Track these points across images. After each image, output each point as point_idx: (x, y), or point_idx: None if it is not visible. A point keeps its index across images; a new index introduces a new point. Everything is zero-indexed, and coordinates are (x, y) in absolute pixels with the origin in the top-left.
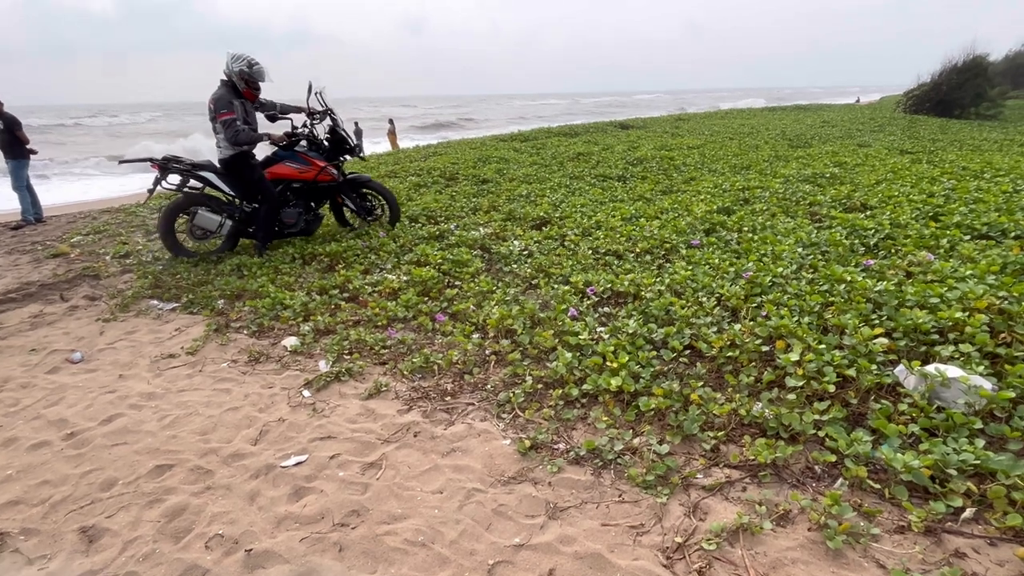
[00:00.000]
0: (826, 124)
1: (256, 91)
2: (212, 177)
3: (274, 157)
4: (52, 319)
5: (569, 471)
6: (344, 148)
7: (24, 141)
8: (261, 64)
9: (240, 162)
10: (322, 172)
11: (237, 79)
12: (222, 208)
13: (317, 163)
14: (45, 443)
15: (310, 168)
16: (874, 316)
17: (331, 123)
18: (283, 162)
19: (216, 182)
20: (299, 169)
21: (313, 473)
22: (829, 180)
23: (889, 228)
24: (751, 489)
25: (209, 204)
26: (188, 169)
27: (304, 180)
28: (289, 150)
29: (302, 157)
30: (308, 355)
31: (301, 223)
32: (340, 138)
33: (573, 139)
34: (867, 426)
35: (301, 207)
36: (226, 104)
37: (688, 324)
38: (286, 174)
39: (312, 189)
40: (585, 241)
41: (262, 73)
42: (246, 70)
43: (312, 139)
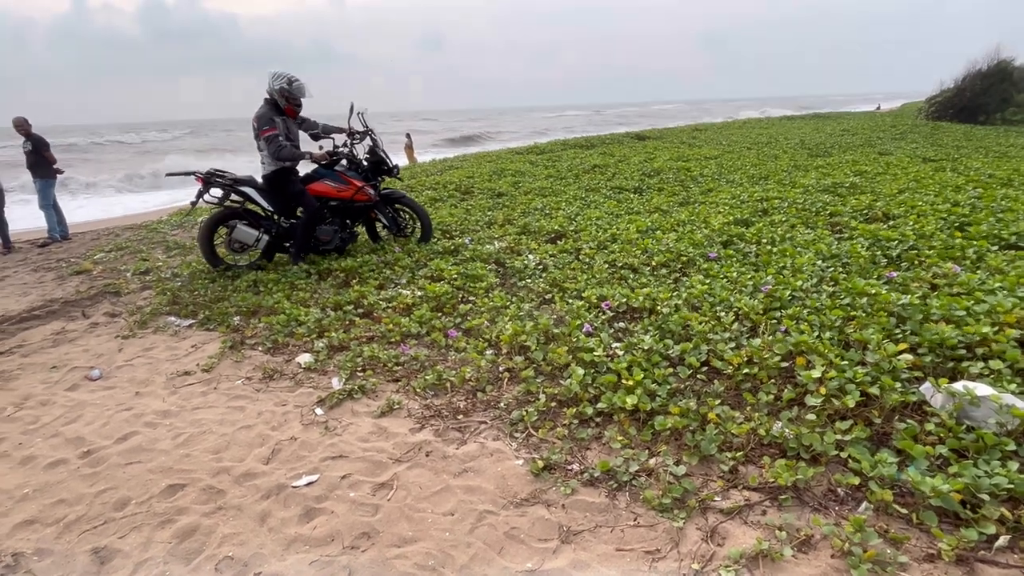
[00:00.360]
0: (846, 132)
1: (297, 107)
2: (252, 192)
3: (314, 175)
4: (73, 336)
5: (583, 493)
6: (382, 169)
7: (51, 161)
8: (301, 80)
9: (283, 177)
10: (359, 192)
11: (278, 96)
12: (260, 223)
13: (355, 183)
14: (62, 461)
15: (348, 187)
16: (898, 331)
17: (371, 143)
18: (322, 180)
19: (256, 197)
20: (337, 188)
21: (324, 493)
22: (850, 190)
23: (913, 239)
24: (771, 513)
25: (248, 219)
26: (230, 184)
27: (341, 199)
28: (329, 168)
29: (341, 176)
30: (322, 372)
31: (336, 240)
32: (379, 159)
33: (589, 151)
34: (892, 447)
35: (337, 225)
36: (268, 121)
37: (705, 340)
38: (324, 192)
39: (349, 208)
40: (600, 255)
41: (302, 89)
42: (286, 87)
43: (352, 159)
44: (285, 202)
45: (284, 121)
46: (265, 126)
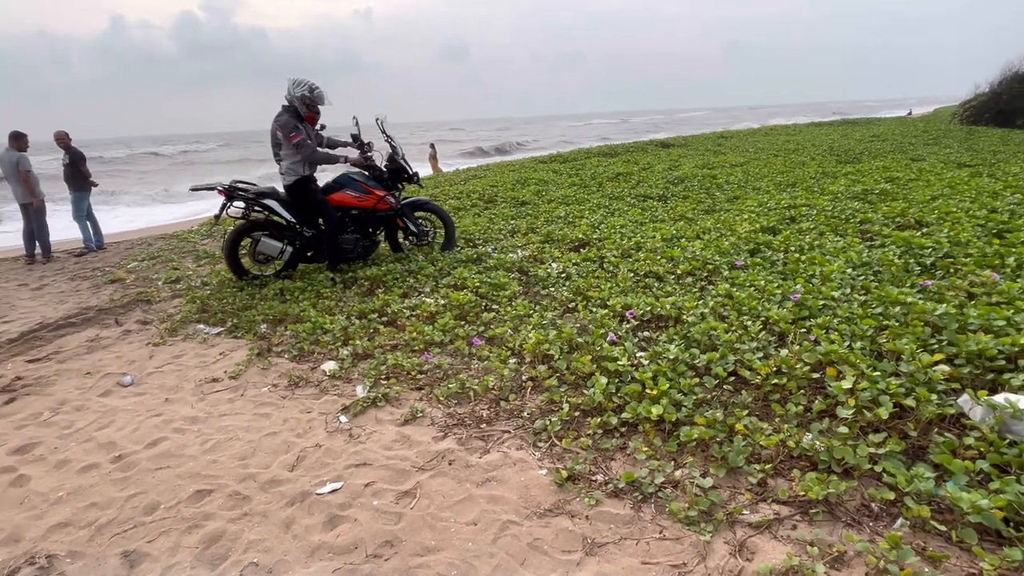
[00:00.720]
0: (876, 138)
1: (317, 115)
2: (274, 204)
3: (334, 185)
4: (107, 343)
5: (607, 504)
6: (403, 177)
7: (86, 175)
8: (321, 88)
9: (303, 187)
10: (381, 201)
11: (299, 104)
12: (283, 235)
13: (376, 192)
14: (94, 465)
15: (369, 196)
16: (933, 341)
17: (390, 152)
18: (343, 190)
19: (278, 209)
20: (358, 197)
21: (347, 501)
22: (880, 196)
23: (948, 246)
24: (802, 527)
25: (271, 231)
26: (252, 197)
27: (363, 208)
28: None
29: (362, 186)
30: (346, 380)
31: (358, 249)
32: (399, 167)
33: (612, 159)
34: (929, 461)
35: (359, 233)
36: (293, 128)
37: (732, 349)
38: (346, 202)
39: (370, 217)
40: (624, 263)
41: (322, 97)
42: (308, 95)
43: (372, 167)
44: (306, 212)
45: (306, 127)
46: (292, 132)
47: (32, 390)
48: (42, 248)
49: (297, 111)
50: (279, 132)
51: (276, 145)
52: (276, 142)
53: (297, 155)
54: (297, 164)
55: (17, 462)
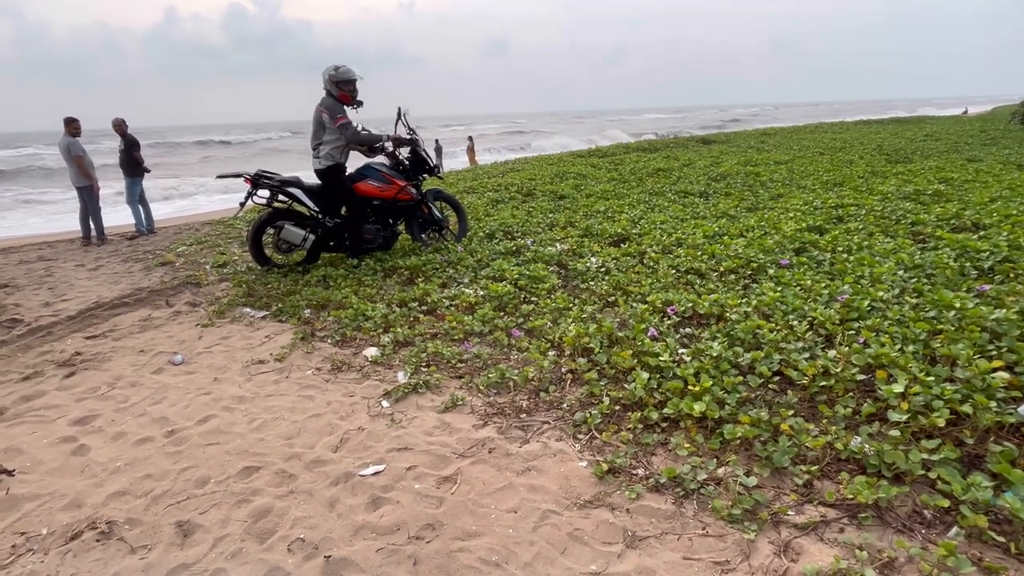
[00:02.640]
0: (928, 137)
1: (353, 93)
2: (299, 193)
3: (357, 175)
4: (159, 323)
5: (648, 498)
6: (424, 168)
7: (139, 161)
8: (345, 64)
9: (337, 173)
10: (402, 191)
11: (331, 87)
12: (306, 223)
13: (397, 182)
14: (149, 439)
15: (391, 187)
16: (991, 347)
17: (412, 143)
18: (366, 180)
19: (302, 198)
20: (380, 187)
21: (390, 483)
22: (933, 197)
23: (1007, 250)
24: (849, 531)
25: (295, 219)
26: (277, 185)
27: (384, 198)
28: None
29: (384, 176)
30: (387, 366)
31: (379, 239)
32: (420, 158)
33: (652, 154)
34: (986, 470)
35: (380, 223)
36: (340, 110)
37: (777, 349)
38: (368, 191)
39: (392, 207)
40: (665, 259)
41: (348, 71)
42: (334, 73)
43: (395, 158)
44: (332, 200)
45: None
46: (339, 114)
47: (90, 365)
48: (97, 231)
49: (333, 95)
50: (325, 115)
51: (319, 129)
52: (320, 126)
53: (339, 139)
54: (336, 150)
55: (78, 432)
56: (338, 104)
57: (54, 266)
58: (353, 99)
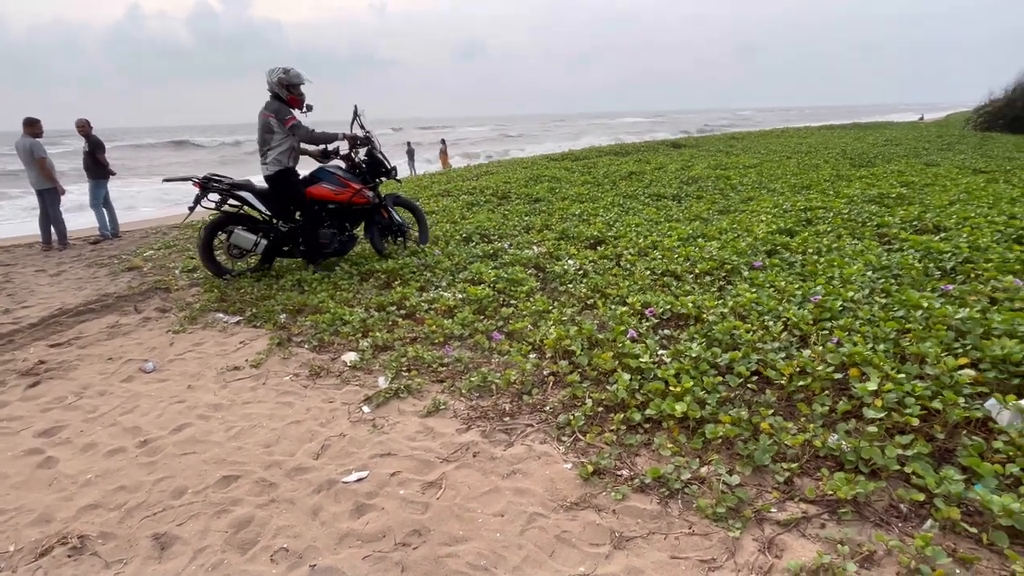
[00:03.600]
0: (889, 142)
1: (300, 97)
2: (249, 197)
3: (311, 178)
4: (127, 329)
5: (634, 499)
6: (380, 171)
7: (104, 164)
8: (295, 67)
9: (286, 178)
10: (357, 195)
11: (279, 89)
12: (258, 227)
13: (352, 185)
14: (121, 449)
15: (345, 190)
16: (957, 345)
17: (368, 145)
18: (320, 183)
19: (253, 202)
20: (335, 191)
21: (374, 490)
22: (897, 200)
23: (967, 251)
24: (830, 526)
25: (245, 223)
26: (227, 189)
27: (339, 202)
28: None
29: (338, 179)
30: (367, 371)
31: (335, 244)
32: (377, 160)
33: (624, 158)
34: (957, 464)
35: (336, 228)
36: (288, 112)
37: (754, 349)
38: (322, 195)
39: (347, 211)
40: (641, 261)
41: (298, 75)
42: (284, 76)
43: (350, 161)
44: (285, 204)
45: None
46: (287, 116)
47: (55, 374)
48: (58, 235)
49: (281, 97)
50: (272, 119)
51: (266, 134)
52: (267, 130)
53: (285, 144)
54: (284, 154)
55: (44, 444)
56: (286, 106)
57: (13, 272)
58: (302, 103)
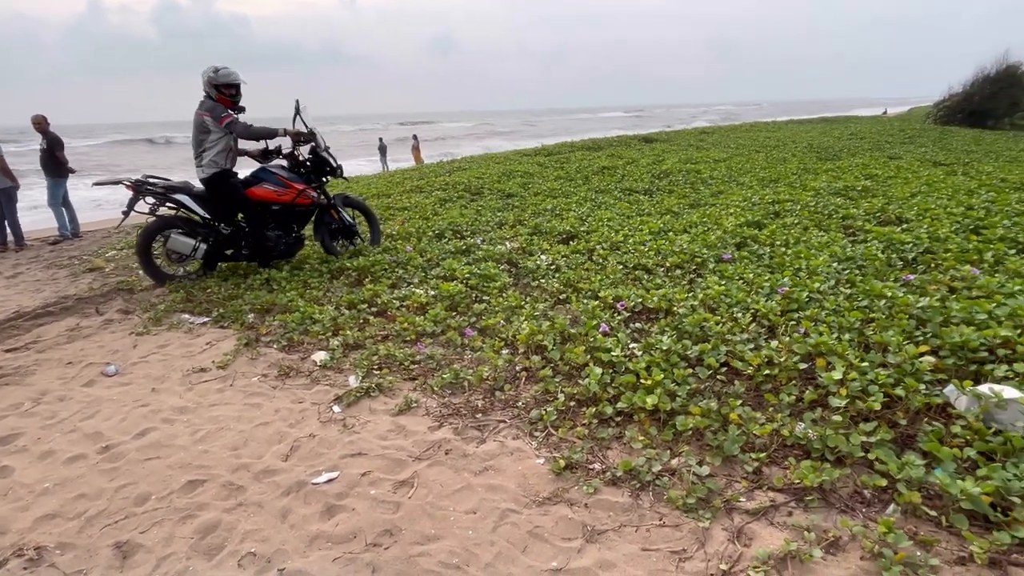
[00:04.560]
0: (854, 136)
1: (232, 97)
2: (186, 199)
3: (252, 179)
4: (88, 332)
5: (606, 492)
6: (325, 170)
7: (63, 161)
8: (228, 67)
9: (223, 181)
10: (300, 195)
11: (210, 89)
12: (196, 231)
13: (295, 186)
14: (81, 456)
15: (288, 191)
16: (918, 333)
17: (312, 144)
18: (261, 184)
19: (190, 204)
20: (277, 192)
21: (344, 491)
22: (861, 193)
23: (928, 242)
24: (797, 514)
25: (183, 227)
26: (162, 192)
27: (282, 203)
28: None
29: (280, 179)
30: (337, 370)
31: (281, 246)
32: (321, 160)
33: (597, 153)
34: (918, 449)
35: (280, 230)
36: (222, 110)
37: (724, 341)
38: (264, 196)
39: (291, 212)
40: (613, 255)
41: (228, 74)
42: (213, 76)
43: (293, 160)
44: (224, 207)
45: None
46: (222, 114)
47: (11, 380)
48: (14, 235)
49: (212, 97)
50: (207, 118)
51: (201, 134)
52: (202, 131)
53: (221, 144)
54: (221, 155)
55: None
56: (219, 105)
57: None
58: (234, 104)
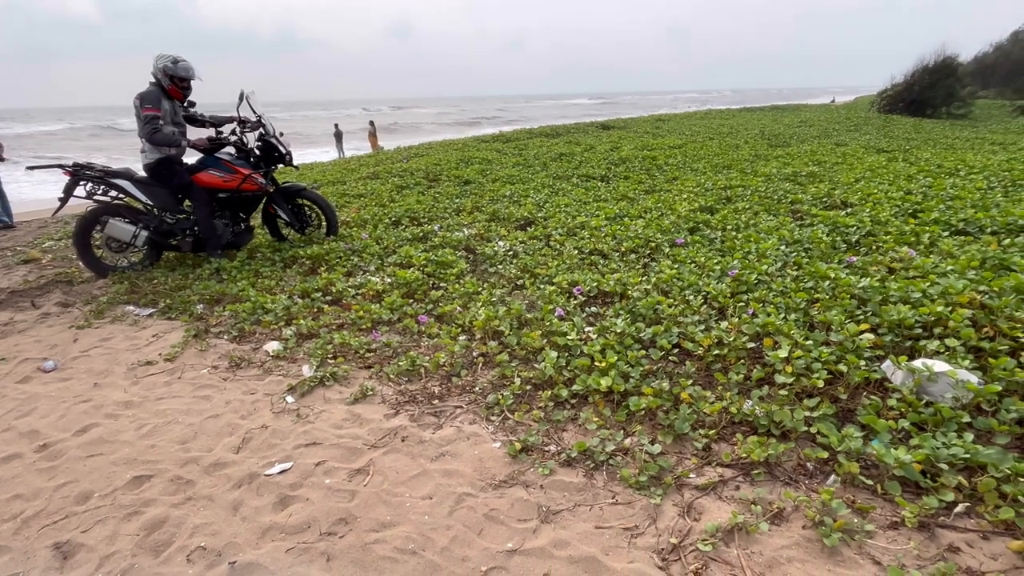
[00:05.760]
0: (803, 124)
1: (184, 90)
2: (128, 185)
3: (198, 165)
4: (23, 327)
5: (561, 473)
6: (274, 156)
7: None
8: (187, 61)
9: (166, 168)
10: (247, 180)
11: (162, 76)
12: (137, 218)
13: (242, 171)
14: (16, 455)
15: (234, 176)
16: (859, 312)
17: (261, 130)
18: (207, 170)
19: (132, 191)
20: (223, 178)
21: (298, 481)
22: (809, 178)
23: (870, 225)
24: (744, 488)
25: (122, 214)
26: (100, 177)
27: (229, 189)
28: (211, 155)
29: (226, 165)
30: (291, 360)
31: (227, 235)
32: (270, 145)
33: (555, 139)
34: (857, 422)
35: (228, 218)
36: (153, 101)
37: (676, 323)
38: (210, 183)
39: (238, 199)
40: (570, 241)
41: (187, 68)
42: (170, 66)
43: (241, 146)
44: (169, 195)
45: (172, 105)
46: (148, 104)
47: None
48: None
49: (163, 86)
50: (138, 103)
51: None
52: (137, 113)
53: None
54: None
55: None
56: (155, 95)
57: None
58: (184, 97)
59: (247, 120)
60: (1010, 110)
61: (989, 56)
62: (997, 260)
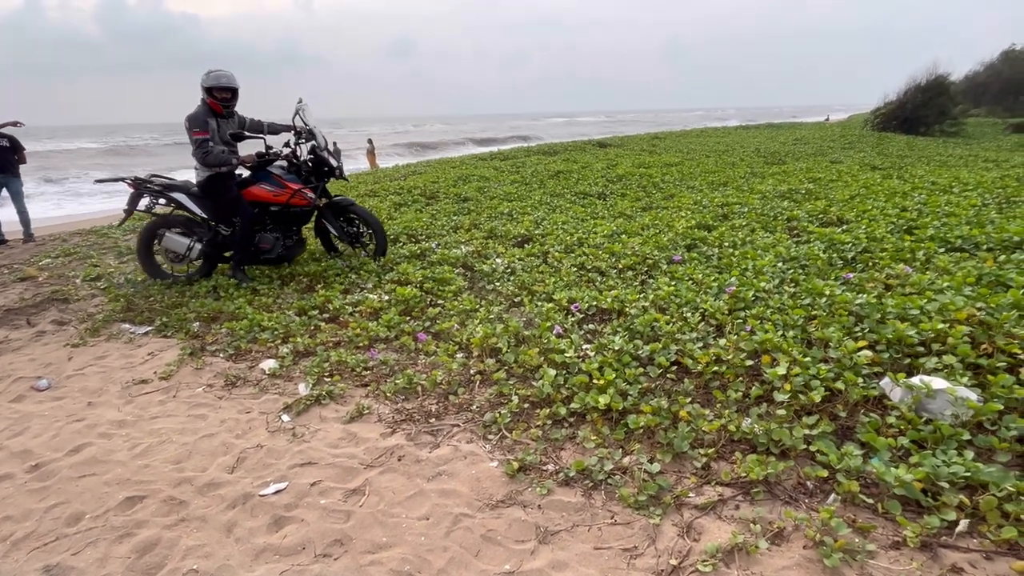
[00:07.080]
0: (799, 141)
1: (225, 103)
2: (184, 199)
3: (250, 179)
4: (17, 345)
5: (559, 493)
6: (324, 170)
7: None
8: (221, 70)
9: (218, 183)
10: (296, 195)
11: (204, 92)
12: (192, 231)
13: (291, 186)
14: (7, 476)
15: (283, 191)
16: (857, 329)
17: (312, 144)
18: (258, 184)
19: (188, 204)
20: (273, 192)
21: (293, 501)
22: (805, 196)
23: (866, 242)
24: (744, 507)
25: (178, 226)
26: (160, 190)
27: (279, 203)
28: (262, 170)
29: (276, 179)
30: (287, 378)
31: (279, 248)
32: (321, 160)
33: (552, 157)
34: (856, 440)
35: (279, 232)
36: (200, 123)
37: (674, 340)
38: (261, 197)
39: (288, 213)
40: (568, 258)
41: (220, 78)
42: (205, 78)
43: (292, 160)
44: (221, 209)
45: (218, 123)
46: (196, 128)
47: None
48: None
49: (206, 102)
50: (187, 125)
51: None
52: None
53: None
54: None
55: None
56: (203, 117)
57: None
58: (225, 109)
59: (302, 130)
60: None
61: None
62: (993, 276)
